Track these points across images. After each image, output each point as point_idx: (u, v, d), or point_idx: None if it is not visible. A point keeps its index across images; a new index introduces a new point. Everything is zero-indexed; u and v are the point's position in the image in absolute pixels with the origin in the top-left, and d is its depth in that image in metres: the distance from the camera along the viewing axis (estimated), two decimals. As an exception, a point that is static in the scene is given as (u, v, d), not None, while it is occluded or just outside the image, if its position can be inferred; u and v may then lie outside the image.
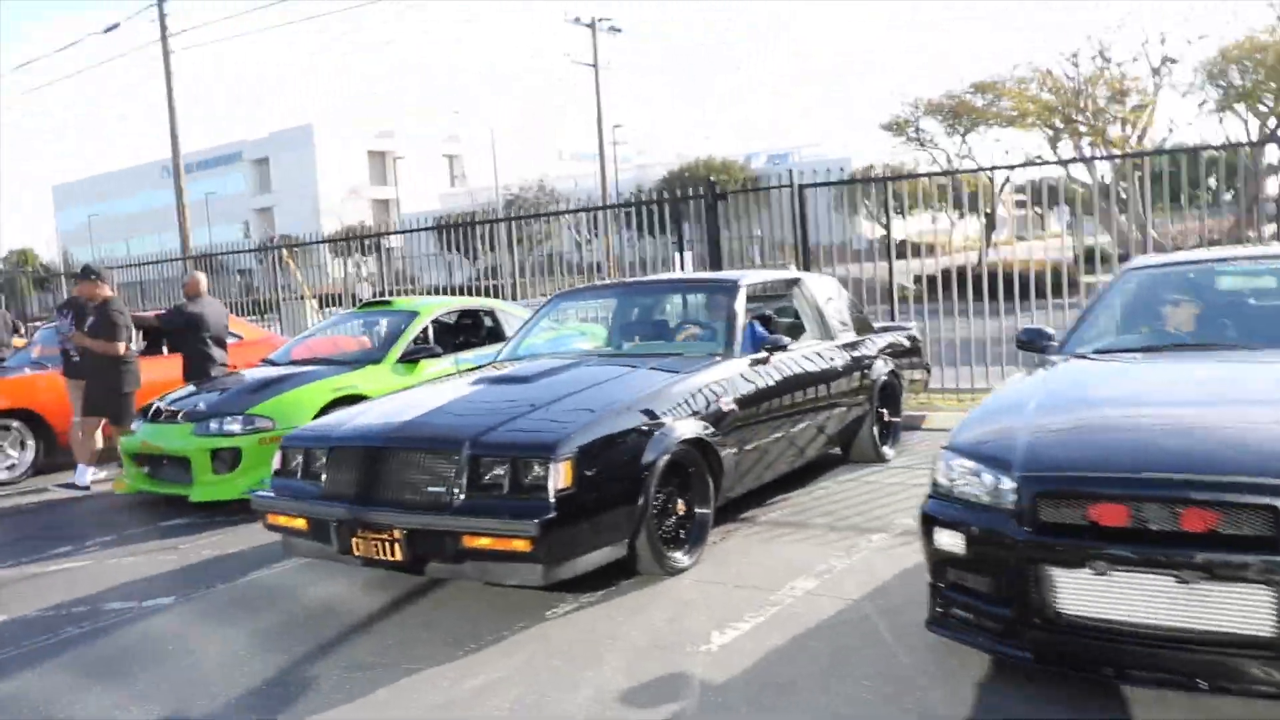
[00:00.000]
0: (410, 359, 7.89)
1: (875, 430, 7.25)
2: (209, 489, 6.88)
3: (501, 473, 4.42)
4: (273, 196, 70.86)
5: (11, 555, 6.32)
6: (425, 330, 8.24)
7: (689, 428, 5.06)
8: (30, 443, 8.95)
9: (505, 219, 14.67)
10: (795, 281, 7.13)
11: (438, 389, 5.63)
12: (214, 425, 6.95)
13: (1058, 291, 9.77)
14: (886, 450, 7.32)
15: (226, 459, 6.90)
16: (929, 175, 12.73)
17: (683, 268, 11.81)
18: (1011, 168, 10.02)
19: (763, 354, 6.01)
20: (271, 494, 5.06)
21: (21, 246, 59.01)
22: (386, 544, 4.50)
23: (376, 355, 7.93)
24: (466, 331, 8.90)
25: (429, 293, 15.20)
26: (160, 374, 9.64)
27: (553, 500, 4.29)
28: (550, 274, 14.00)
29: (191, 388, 7.96)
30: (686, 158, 54.19)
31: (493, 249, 14.79)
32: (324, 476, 4.82)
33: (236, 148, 74.02)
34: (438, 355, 7.99)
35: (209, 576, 5.54)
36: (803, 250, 10.82)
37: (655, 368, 5.55)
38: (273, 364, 8.33)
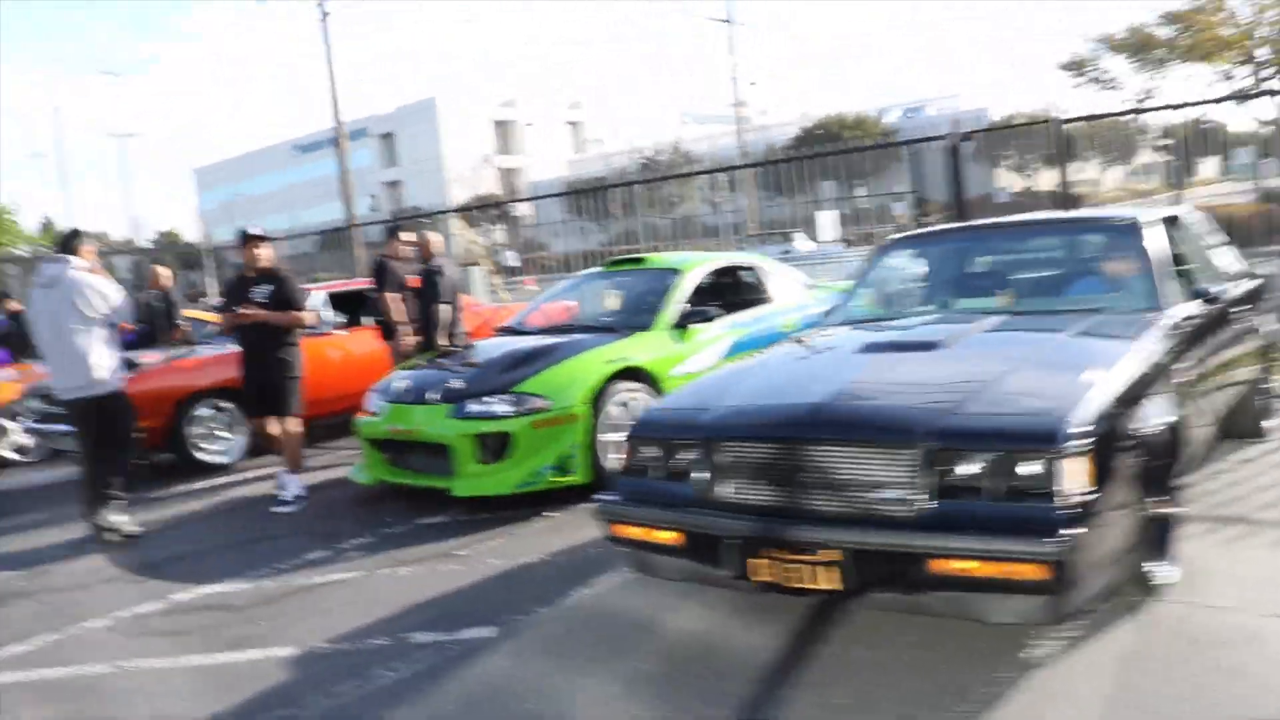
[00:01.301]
0: (681, 324, 6.73)
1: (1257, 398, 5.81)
2: (475, 482, 5.86)
3: (982, 470, 3.17)
4: (399, 170, 71.34)
5: (264, 561, 5.41)
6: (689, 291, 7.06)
7: (1165, 406, 3.75)
8: (242, 424, 8.13)
9: (643, 180, 13.61)
10: (1172, 220, 5.67)
11: (804, 359, 4.43)
12: (476, 406, 5.91)
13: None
14: (1267, 423, 5.87)
15: (493, 446, 5.84)
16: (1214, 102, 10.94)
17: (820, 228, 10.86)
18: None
19: (1199, 307, 4.63)
20: (617, 498, 3.95)
21: (168, 228, 60.65)
22: (812, 568, 3.32)
23: (643, 320, 6.78)
24: (725, 291, 7.70)
25: (562, 262, 14.23)
26: (361, 348, 8.84)
27: (1071, 507, 3.04)
28: (688, 236, 13.17)
29: (429, 362, 6.99)
30: (811, 117, 52.20)
31: (624, 213, 13.78)
32: (699, 476, 3.66)
33: (363, 124, 74.52)
34: (710, 319, 6.80)
35: (518, 597, 4.47)
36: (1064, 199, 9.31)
37: (1087, 332, 4.22)
38: (516, 332, 7.30)
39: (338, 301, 9.47)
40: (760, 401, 3.81)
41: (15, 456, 9.37)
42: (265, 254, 6.67)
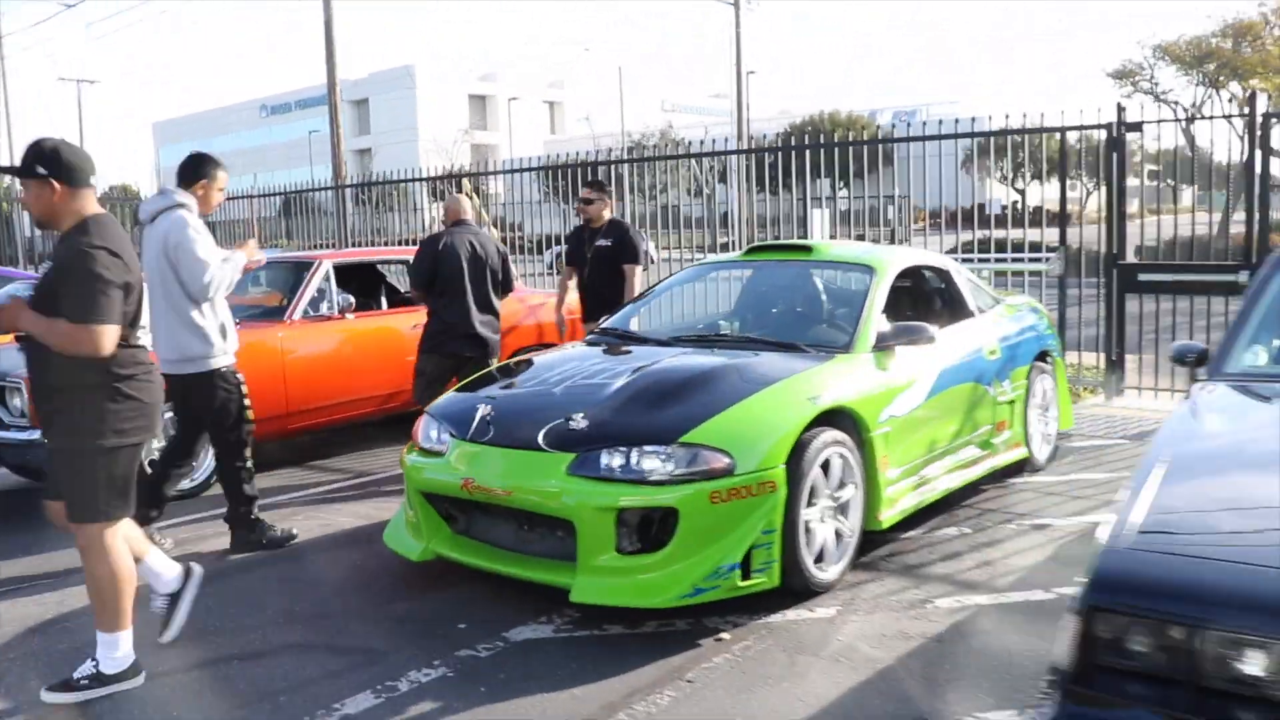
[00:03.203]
0: (882, 345, 4.60)
1: None
2: (612, 583, 3.65)
3: None
4: (371, 139, 68.25)
5: None
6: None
7: None
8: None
9: (632, 160, 11.51)
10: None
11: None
12: (618, 460, 3.72)
13: None
14: None
15: (646, 527, 3.68)
16: None
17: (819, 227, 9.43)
18: None
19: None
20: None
21: (122, 182, 57.11)
22: None
23: (836, 337, 4.65)
24: (915, 301, 5.58)
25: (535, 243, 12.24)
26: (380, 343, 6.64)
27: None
28: (675, 226, 11.44)
29: (500, 376, 4.77)
30: (791, 114, 50.52)
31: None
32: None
33: (334, 88, 71.40)
34: (926, 338, 4.65)
35: None
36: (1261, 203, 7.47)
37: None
38: (628, 339, 5.10)
39: (344, 276, 7.23)
40: None
41: None
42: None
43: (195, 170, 4.72)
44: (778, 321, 5.18)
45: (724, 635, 3.67)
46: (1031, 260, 8.32)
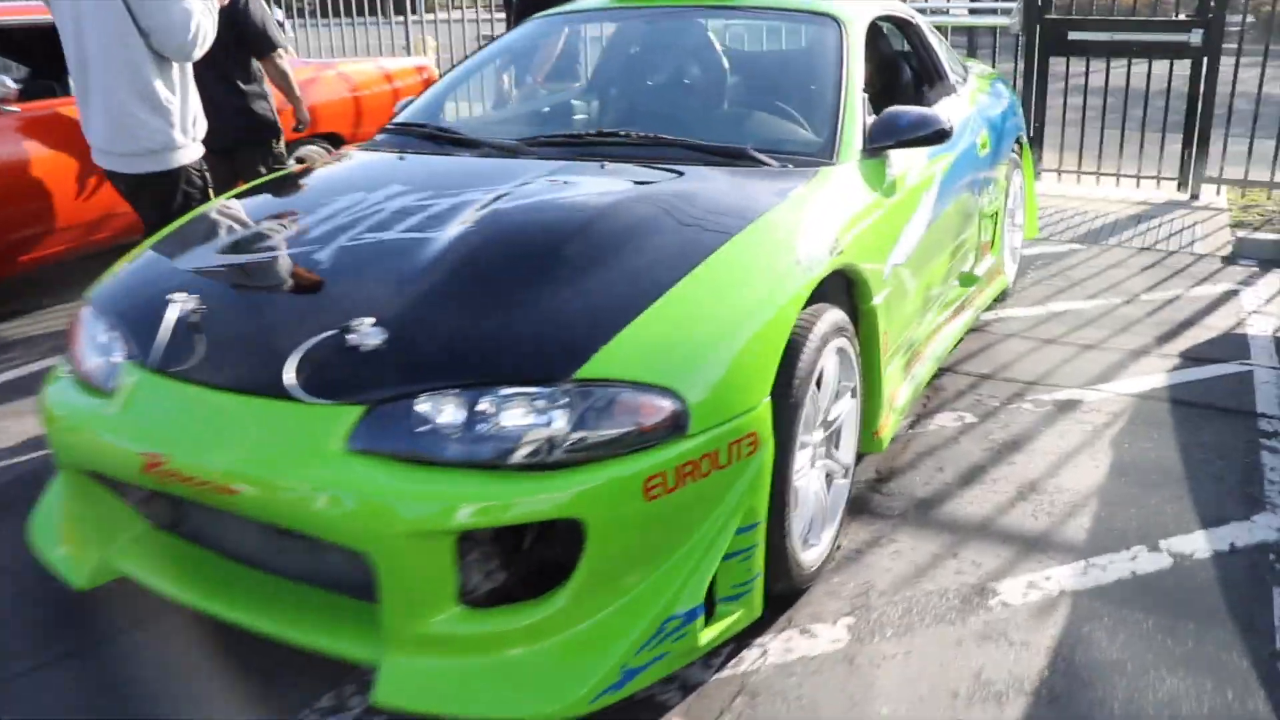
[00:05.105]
0: (874, 148, 2.79)
1: None
2: (449, 674, 1.82)
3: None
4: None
5: None
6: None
7: None
8: None
9: None
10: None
11: None
12: (450, 421, 1.83)
13: None
14: None
15: (514, 556, 1.87)
16: None
17: None
18: None
19: None
20: None
21: None
22: None
23: (810, 140, 2.78)
24: (881, 73, 3.72)
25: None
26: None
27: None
28: None
29: (219, 232, 2.68)
30: None
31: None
32: None
33: None
34: (930, 136, 2.83)
35: None
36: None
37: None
38: (436, 139, 3.03)
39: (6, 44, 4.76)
40: None
41: None
42: None
43: None
44: (701, 111, 3.19)
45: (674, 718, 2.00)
46: (988, 13, 6.55)
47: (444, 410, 1.84)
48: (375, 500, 1.79)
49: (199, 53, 3.34)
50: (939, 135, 2.77)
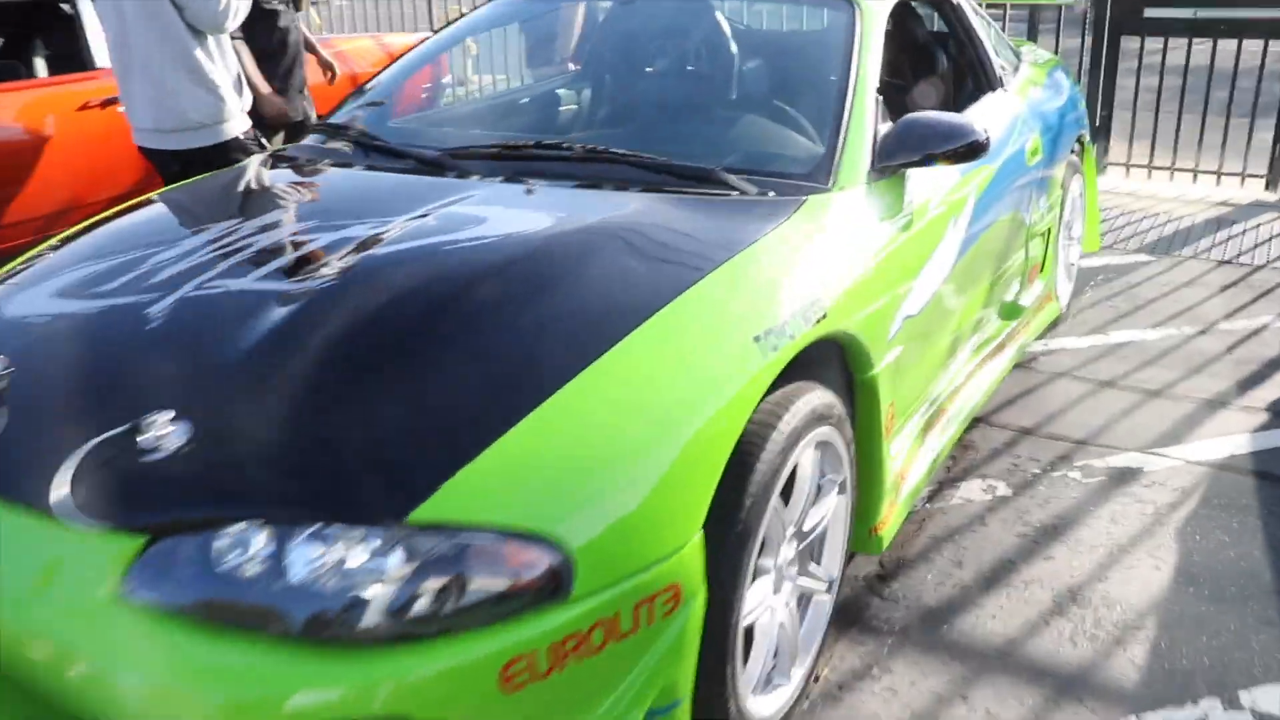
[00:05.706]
0: (885, 166, 2.21)
1: None
2: None
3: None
4: None
5: None
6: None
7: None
8: None
9: None
10: None
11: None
12: (252, 571, 1.32)
13: None
14: None
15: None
16: None
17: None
18: None
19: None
20: None
21: None
22: None
23: (801, 157, 2.22)
24: (902, 62, 3.14)
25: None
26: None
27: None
28: None
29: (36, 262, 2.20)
30: None
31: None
32: None
33: None
34: (962, 150, 2.24)
35: None
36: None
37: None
38: (356, 147, 2.52)
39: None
40: None
41: None
42: None
43: None
44: (670, 115, 2.61)
45: None
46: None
47: (245, 553, 1.34)
48: (144, 669, 1.30)
49: (233, 24, 3.32)
50: (972, 149, 2.18)
